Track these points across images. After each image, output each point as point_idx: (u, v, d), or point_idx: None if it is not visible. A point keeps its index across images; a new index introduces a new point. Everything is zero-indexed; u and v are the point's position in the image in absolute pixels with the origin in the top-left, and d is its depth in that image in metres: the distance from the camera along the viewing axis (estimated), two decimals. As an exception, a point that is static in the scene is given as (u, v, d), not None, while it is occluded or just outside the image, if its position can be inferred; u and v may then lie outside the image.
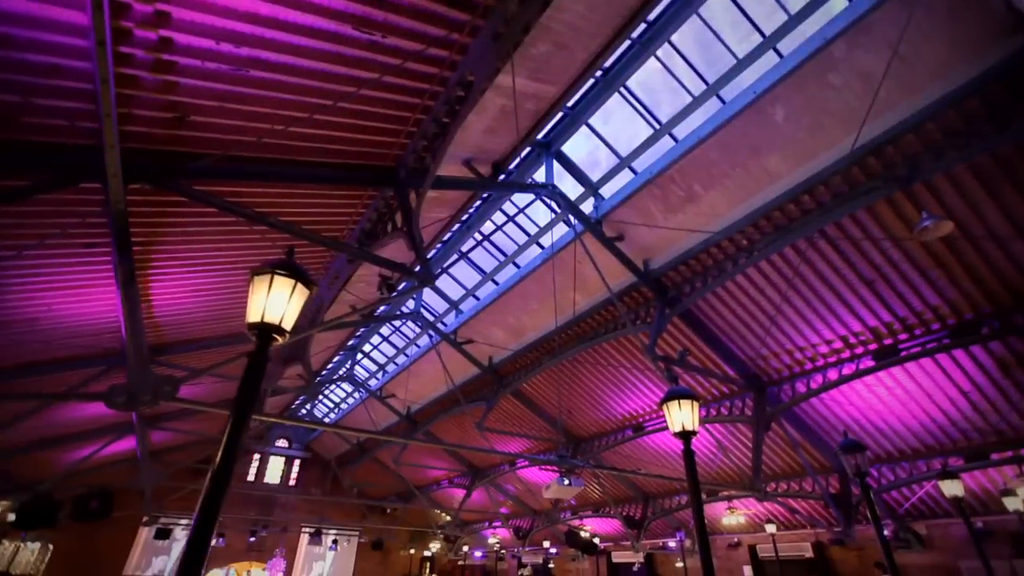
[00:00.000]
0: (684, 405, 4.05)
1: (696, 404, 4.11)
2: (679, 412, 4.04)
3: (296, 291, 2.25)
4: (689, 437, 4.07)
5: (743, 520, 12.85)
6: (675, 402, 4.10)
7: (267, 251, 7.95)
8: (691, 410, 4.03)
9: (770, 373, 10.27)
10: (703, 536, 3.32)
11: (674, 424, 4.10)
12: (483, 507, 21.53)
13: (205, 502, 1.98)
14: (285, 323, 2.23)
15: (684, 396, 4.07)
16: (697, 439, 12.28)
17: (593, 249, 9.52)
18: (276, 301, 2.18)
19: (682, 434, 4.07)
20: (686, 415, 4.03)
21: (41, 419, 12.23)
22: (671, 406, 4.15)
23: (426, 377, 16.40)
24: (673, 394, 4.12)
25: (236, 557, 22.98)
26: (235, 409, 2.18)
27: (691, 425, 4.04)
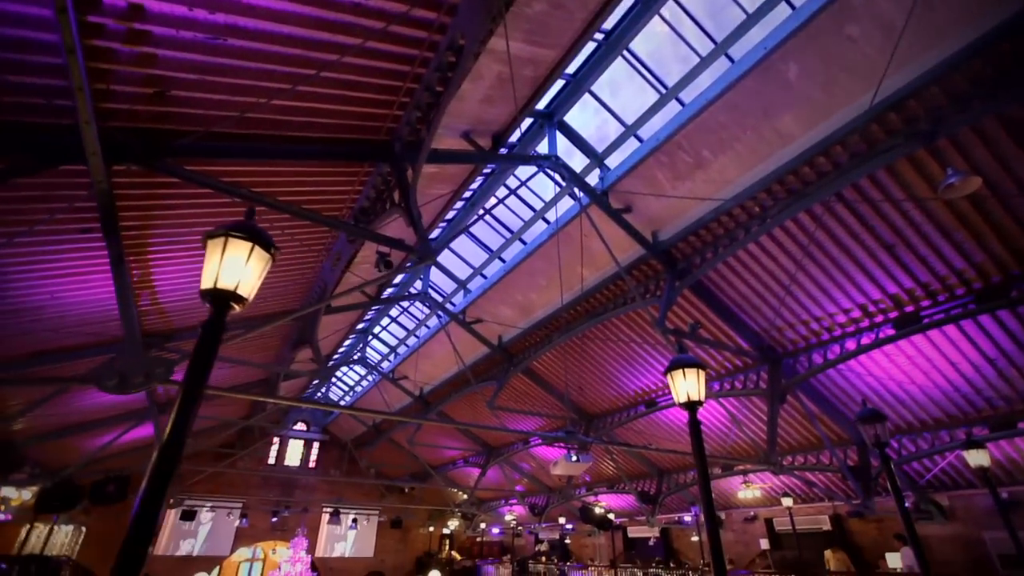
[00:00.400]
0: (689, 374, 3.86)
1: (702, 373, 3.91)
2: (684, 382, 3.84)
3: (254, 255, 2.09)
4: (695, 408, 3.89)
5: (759, 494, 12.71)
6: (679, 371, 3.91)
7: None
8: (697, 379, 3.83)
9: (785, 344, 9.99)
10: (709, 509, 3.16)
11: (679, 394, 3.91)
12: (499, 485, 21.72)
13: (152, 478, 1.86)
14: (242, 290, 2.07)
15: (689, 365, 3.87)
16: (711, 413, 12.10)
17: (600, 222, 9.25)
18: (231, 266, 2.02)
19: (688, 404, 3.89)
20: (691, 385, 3.83)
21: (60, 407, 12.48)
22: (675, 376, 3.96)
23: (437, 358, 16.39)
24: (677, 363, 3.92)
25: (260, 536, 23.63)
26: (185, 382, 2.05)
27: (697, 395, 3.85)
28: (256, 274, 2.14)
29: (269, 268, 2.19)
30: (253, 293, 2.19)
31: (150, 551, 14.28)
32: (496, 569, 20.16)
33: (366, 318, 16.95)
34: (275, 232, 7.87)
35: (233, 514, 22.17)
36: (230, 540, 22.84)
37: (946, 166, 6.20)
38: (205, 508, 21.74)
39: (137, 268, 7.68)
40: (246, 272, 2.05)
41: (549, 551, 20.96)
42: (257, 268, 2.13)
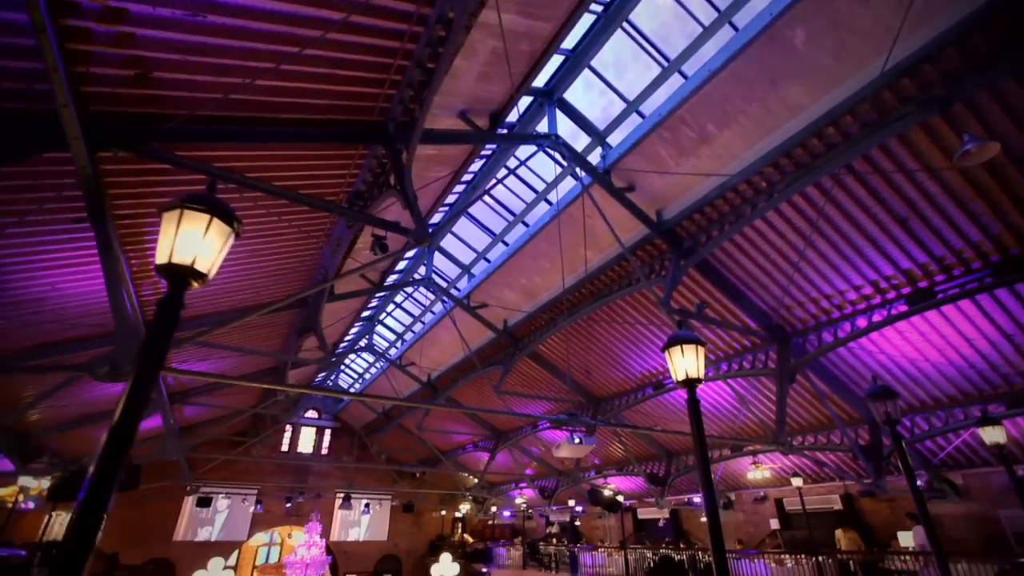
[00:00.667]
0: (688, 351, 3.71)
1: (702, 349, 3.77)
2: (683, 359, 3.70)
3: (213, 228, 1.97)
4: (694, 386, 3.75)
5: (768, 474, 12.61)
6: (677, 348, 3.76)
7: (262, 219, 7.77)
8: (696, 356, 3.68)
9: (794, 323, 9.79)
10: (708, 488, 3.05)
11: (677, 372, 3.78)
12: (509, 469, 21.85)
13: (102, 461, 1.79)
14: (200, 264, 1.96)
15: (688, 341, 3.72)
16: (719, 394, 11.97)
17: (602, 202, 9.04)
18: (187, 240, 1.91)
19: (686, 382, 3.76)
20: (690, 362, 3.69)
21: (72, 398, 12.65)
22: (673, 352, 3.82)
23: (443, 344, 16.37)
24: (675, 339, 3.77)
25: (276, 522, 24.08)
26: (141, 362, 1.96)
27: (696, 372, 3.71)
28: (216, 248, 2.03)
29: (232, 242, 2.08)
30: (214, 269, 2.08)
31: (174, 536, 14.51)
32: (507, 551, 20.36)
33: (371, 305, 16.95)
34: (272, 219, 7.80)
35: (248, 500, 22.56)
36: (247, 526, 23.30)
37: (962, 133, 5.92)
38: (221, 495, 22.12)
39: (135, 258, 7.66)
40: (204, 246, 1.94)
41: (560, 533, 21.12)
42: (217, 242, 2.01)
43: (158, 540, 21.60)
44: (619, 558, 14.79)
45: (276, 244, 8.79)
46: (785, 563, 10.88)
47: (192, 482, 19.90)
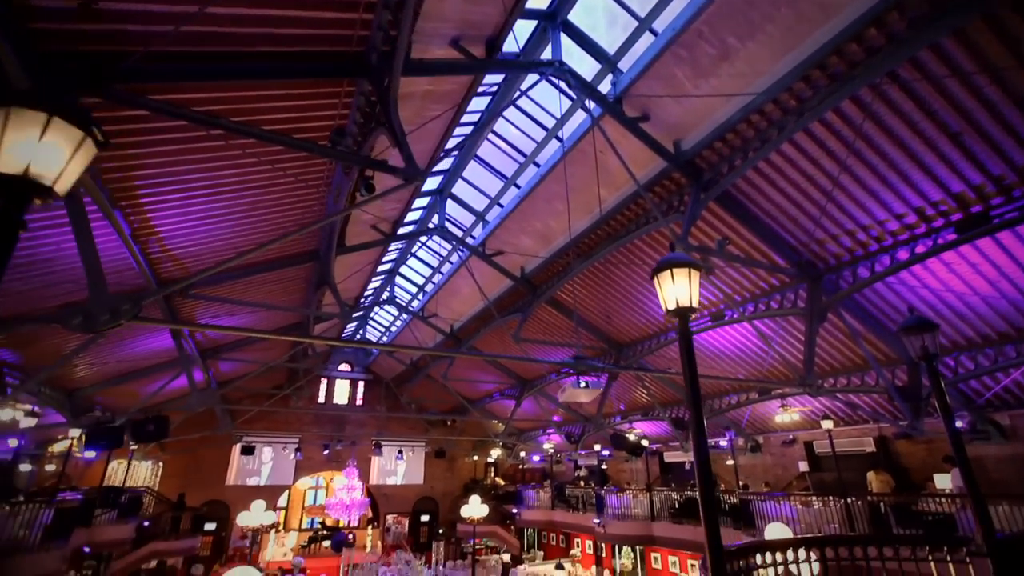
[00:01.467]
0: (679, 276, 3.25)
1: (696, 273, 3.27)
2: (672, 286, 3.25)
3: (53, 129, 1.63)
4: (686, 316, 3.31)
5: (797, 418, 12.20)
6: (666, 273, 3.31)
7: (256, 169, 7.52)
8: (688, 282, 3.22)
9: (826, 258, 9.06)
10: (699, 426, 2.71)
11: (667, 300, 3.32)
12: (536, 416, 22.14)
13: None
14: (36, 170, 1.62)
15: (679, 264, 3.25)
16: (744, 336, 11.45)
17: (615, 136, 8.38)
18: (19, 144, 1.59)
19: (677, 312, 3.31)
20: (682, 289, 3.25)
21: (111, 355, 13.25)
22: (662, 278, 3.32)
23: (463, 294, 16.24)
24: (664, 264, 3.28)
25: (316, 468, 25.46)
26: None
27: (688, 301, 3.28)
28: (64, 156, 1.71)
29: (92, 154, 1.79)
30: (64, 181, 1.77)
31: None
32: (536, 493, 20.95)
33: (389, 258, 16.86)
34: (265, 168, 7.53)
35: (288, 448, 23.83)
36: (291, 471, 24.75)
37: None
38: (264, 444, 23.43)
39: (134, 215, 7.60)
40: (41, 151, 1.62)
41: (588, 476, 21.52)
42: (64, 148, 1.70)
43: (213, 484, 23.24)
44: (644, 500, 14.91)
45: (275, 195, 8.57)
46: (812, 505, 10.64)
47: (234, 431, 21.04)
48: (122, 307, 4.13)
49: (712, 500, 2.52)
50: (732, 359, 12.54)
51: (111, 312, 4.09)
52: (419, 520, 26.37)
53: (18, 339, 10.37)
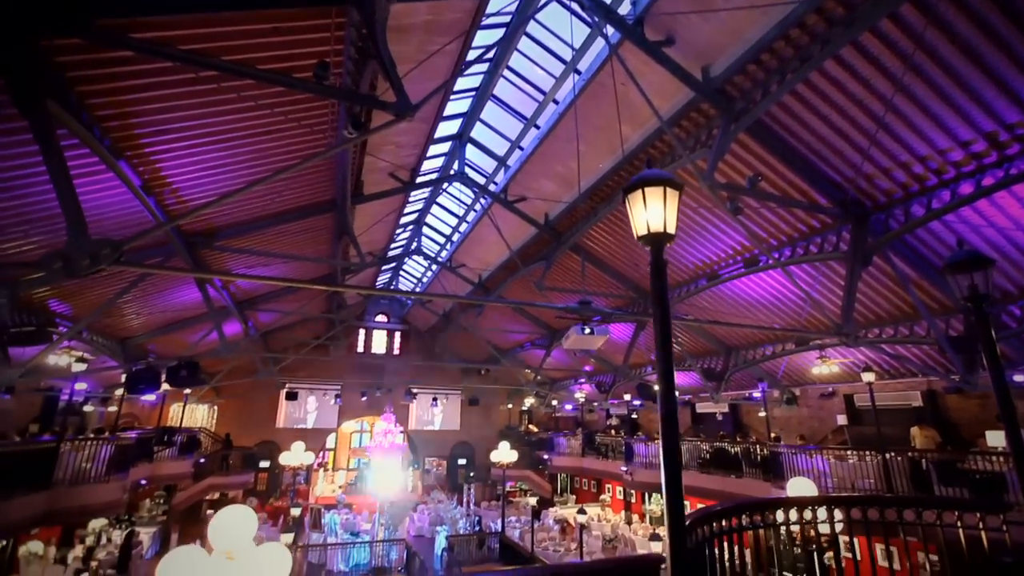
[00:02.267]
0: (653, 196, 2.69)
1: (674, 193, 2.74)
2: (643, 210, 2.76)
3: None
4: (661, 244, 2.73)
5: (837, 369, 11.49)
6: (637, 193, 2.75)
7: (254, 113, 7.31)
8: (664, 203, 2.73)
9: (875, 196, 8.13)
10: (667, 373, 2.36)
11: (638, 224, 2.78)
12: (567, 366, 22.13)
13: None
14: None
15: (653, 182, 2.71)
16: (778, 282, 10.69)
17: (637, 65, 7.61)
18: None
19: (650, 238, 2.74)
20: (656, 211, 2.71)
21: (154, 305, 13.92)
22: (633, 199, 2.77)
23: (489, 243, 15.96)
24: (638, 181, 2.75)
25: (359, 413, 26.79)
26: None
27: (663, 225, 2.71)
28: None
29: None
30: None
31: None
32: (567, 440, 21.25)
33: (414, 208, 16.68)
34: (265, 112, 7.30)
35: (329, 395, 25.09)
36: (335, 416, 26.14)
37: None
38: (307, 391, 24.77)
39: (142, 165, 7.61)
40: None
41: (619, 425, 21.57)
42: None
43: (264, 426, 24.92)
44: (672, 449, 14.75)
45: (281, 143, 8.38)
46: (848, 459, 10.15)
47: (279, 378, 22.15)
48: (102, 252, 4.08)
49: (676, 453, 2.20)
50: (767, 308, 11.82)
51: (91, 257, 4.05)
52: (456, 463, 27.49)
53: (65, 291, 10.98)
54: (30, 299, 10.41)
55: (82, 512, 10.74)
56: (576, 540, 14.65)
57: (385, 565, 15.16)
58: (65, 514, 10.37)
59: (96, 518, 14.34)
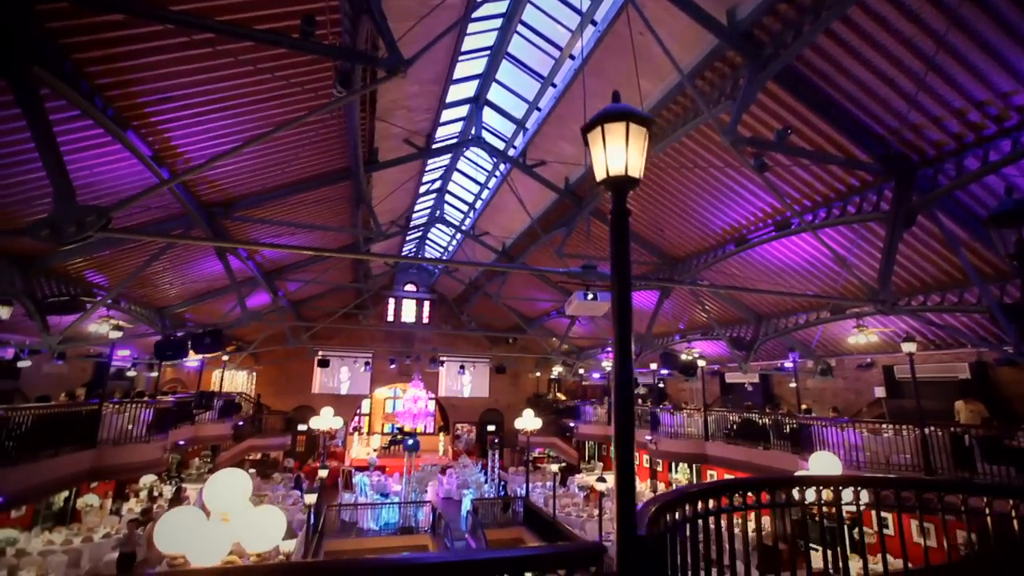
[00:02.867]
0: (613, 133, 2.26)
1: (640, 130, 2.30)
2: (602, 152, 2.32)
3: None
4: (624, 189, 2.31)
5: (875, 339, 10.77)
6: (596, 132, 2.30)
7: (255, 79, 7.16)
8: (624, 141, 2.25)
9: (923, 149, 7.34)
10: (623, 346, 2.08)
11: (598, 166, 2.37)
12: (593, 334, 21.87)
13: None
14: None
15: (612, 118, 2.29)
16: (811, 244, 9.99)
17: (656, 12, 7.00)
18: None
19: (611, 182, 2.33)
20: (617, 151, 2.27)
21: (186, 276, 14.38)
22: (592, 139, 2.35)
23: (511, 211, 15.62)
24: (595, 119, 2.35)
25: (390, 380, 27.48)
26: None
27: (626, 167, 2.27)
28: None
29: None
30: None
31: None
32: (593, 409, 21.18)
33: (434, 176, 16.45)
34: (266, 77, 7.12)
35: (359, 362, 25.75)
36: (367, 383, 26.92)
37: None
38: (338, 358, 25.52)
39: (150, 135, 7.63)
40: None
41: (647, 394, 21.30)
42: None
43: (301, 392, 25.94)
44: (699, 419, 14.46)
45: (287, 108, 8.24)
46: (883, 433, 9.61)
47: (311, 346, 22.84)
48: (87, 219, 4.07)
49: (630, 427, 1.95)
50: (800, 274, 11.13)
51: (77, 224, 4.04)
52: (485, 430, 28.00)
53: (100, 262, 11.43)
54: (66, 271, 10.90)
55: (126, 469, 11.43)
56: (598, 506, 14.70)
57: (412, 525, 15.69)
58: (110, 471, 11.07)
59: (139, 475, 15.27)
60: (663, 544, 1.91)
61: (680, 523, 2.12)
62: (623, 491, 1.74)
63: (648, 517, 1.84)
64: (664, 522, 2.03)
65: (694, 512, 2.21)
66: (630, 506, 1.72)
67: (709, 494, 2.40)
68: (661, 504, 2.06)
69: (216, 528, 3.85)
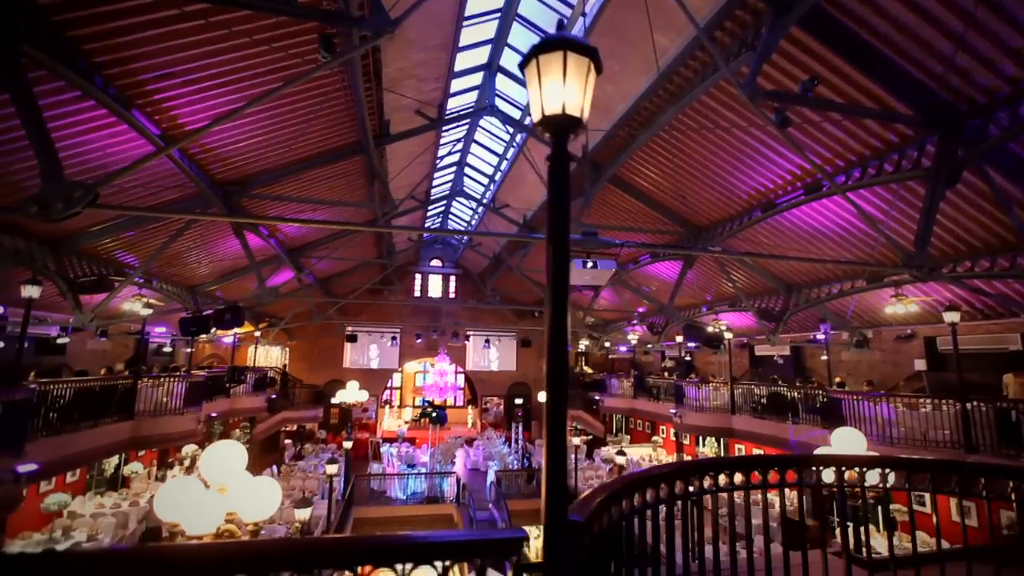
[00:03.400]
0: (549, 66, 1.93)
1: (581, 61, 1.95)
2: (538, 90, 1.99)
3: None
4: (562, 131, 2.01)
5: (915, 309, 10.06)
6: (532, 67, 1.96)
7: (252, 51, 7.03)
8: (562, 74, 1.95)
9: (972, 96, 6.60)
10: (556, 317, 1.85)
11: (535, 105, 2.03)
12: (619, 307, 21.48)
13: None
14: None
15: (549, 48, 1.96)
16: (845, 208, 9.30)
17: (669, -48, 6.45)
18: None
19: (545, 123, 2.02)
20: (553, 87, 1.96)
21: (213, 254, 14.74)
22: (529, 75, 2.00)
23: (530, 181, 15.24)
24: (533, 50, 1.99)
25: (419, 354, 27.89)
26: None
27: (560, 106, 1.95)
28: None
29: None
30: None
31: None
32: (619, 382, 20.97)
33: (455, 148, 16.16)
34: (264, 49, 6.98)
35: (386, 337, 26.21)
36: (396, 357, 27.45)
37: None
38: (366, 333, 26.03)
39: (157, 114, 7.65)
40: None
41: (674, 367, 20.90)
42: None
43: (333, 367, 26.66)
44: (725, 392, 14.06)
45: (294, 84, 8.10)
46: (921, 408, 9.05)
47: (335, 321, 23.31)
48: (74, 195, 4.07)
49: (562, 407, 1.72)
50: (833, 240, 10.44)
51: (64, 201, 4.05)
52: (513, 403, 28.22)
53: (128, 242, 11.81)
54: (97, 251, 11.30)
55: (161, 440, 12.01)
56: (622, 480, 14.62)
57: (437, 495, 16.04)
58: (146, 441, 11.66)
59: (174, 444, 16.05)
60: (614, 535, 1.72)
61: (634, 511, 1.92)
62: (553, 473, 1.55)
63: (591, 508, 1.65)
64: (611, 513, 1.84)
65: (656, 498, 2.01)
66: (559, 489, 1.54)
67: (665, 478, 2.16)
68: (610, 493, 1.85)
69: (212, 498, 3.91)
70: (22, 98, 4.22)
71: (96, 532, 11.31)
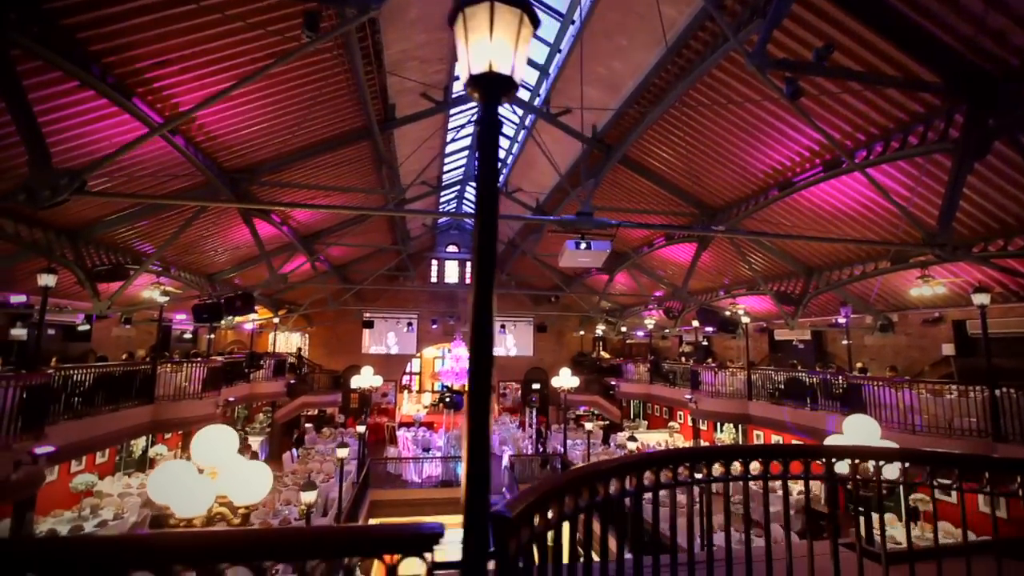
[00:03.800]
0: (475, 20, 1.75)
1: (513, 13, 1.74)
2: (465, 44, 1.78)
3: None
4: (491, 91, 1.79)
5: (943, 291, 9.54)
6: (459, 22, 1.78)
7: (248, 35, 6.96)
8: (488, 29, 1.73)
9: (1005, 59, 6.10)
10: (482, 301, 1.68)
11: (462, 65, 1.83)
12: (635, 291, 21.15)
13: None
14: None
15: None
16: (867, 185, 8.83)
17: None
18: None
19: (475, 82, 1.79)
20: (480, 44, 1.74)
21: (228, 243, 14.96)
22: (457, 32, 1.80)
23: (542, 165, 14.95)
24: (458, 3, 1.79)
25: (433, 340, 28.07)
26: None
27: (488, 62, 1.74)
28: None
29: None
30: None
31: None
32: (636, 367, 20.73)
33: (463, 134, 15.96)
34: (260, 33, 6.90)
35: (402, 323, 26.41)
36: (414, 343, 27.67)
37: None
38: (382, 319, 26.29)
39: (158, 102, 7.67)
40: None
41: (692, 352, 20.55)
42: None
43: (351, 352, 27.02)
44: (742, 377, 13.73)
45: (289, 66, 8.02)
46: (946, 394, 8.64)
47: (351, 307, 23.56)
48: (60, 182, 4.07)
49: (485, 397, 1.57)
50: (855, 219, 9.96)
51: (51, 188, 4.06)
52: (530, 388, 28.22)
53: (142, 231, 12.05)
54: (114, 240, 11.55)
55: (180, 423, 12.35)
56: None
57: (452, 479, 16.19)
58: (166, 424, 12.01)
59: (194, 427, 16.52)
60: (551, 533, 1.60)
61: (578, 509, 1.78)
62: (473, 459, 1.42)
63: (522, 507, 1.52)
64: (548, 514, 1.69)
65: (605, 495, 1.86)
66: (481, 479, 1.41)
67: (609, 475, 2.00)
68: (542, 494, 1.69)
69: (202, 482, 3.95)
70: (9, 88, 4.23)
71: (123, 511, 11.77)
